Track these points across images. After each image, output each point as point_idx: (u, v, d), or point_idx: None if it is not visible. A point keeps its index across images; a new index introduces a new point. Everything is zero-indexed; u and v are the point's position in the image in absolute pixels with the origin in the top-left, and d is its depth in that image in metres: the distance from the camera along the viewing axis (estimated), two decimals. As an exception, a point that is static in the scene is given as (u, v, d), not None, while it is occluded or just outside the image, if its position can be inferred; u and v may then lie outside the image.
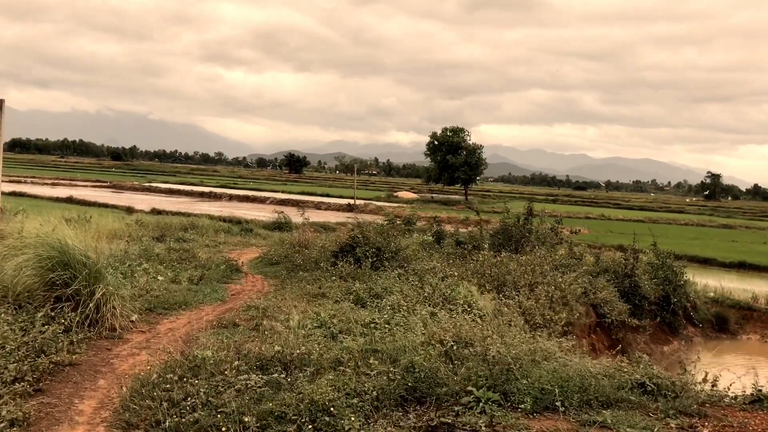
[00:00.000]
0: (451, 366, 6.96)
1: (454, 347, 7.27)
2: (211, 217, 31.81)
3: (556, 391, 6.20)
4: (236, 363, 6.68)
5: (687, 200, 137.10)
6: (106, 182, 69.43)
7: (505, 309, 9.94)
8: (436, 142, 74.30)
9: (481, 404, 6.06)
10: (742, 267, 32.07)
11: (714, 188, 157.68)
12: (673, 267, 17.94)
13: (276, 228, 29.25)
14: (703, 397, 6.63)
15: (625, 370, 7.06)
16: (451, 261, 14.46)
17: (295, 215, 34.21)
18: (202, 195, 59.39)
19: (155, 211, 35.66)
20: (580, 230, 21.57)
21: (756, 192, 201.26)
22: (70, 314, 8.26)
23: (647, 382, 6.76)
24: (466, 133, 74.87)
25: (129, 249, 15.31)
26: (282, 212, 31.94)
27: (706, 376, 7.08)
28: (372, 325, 8.84)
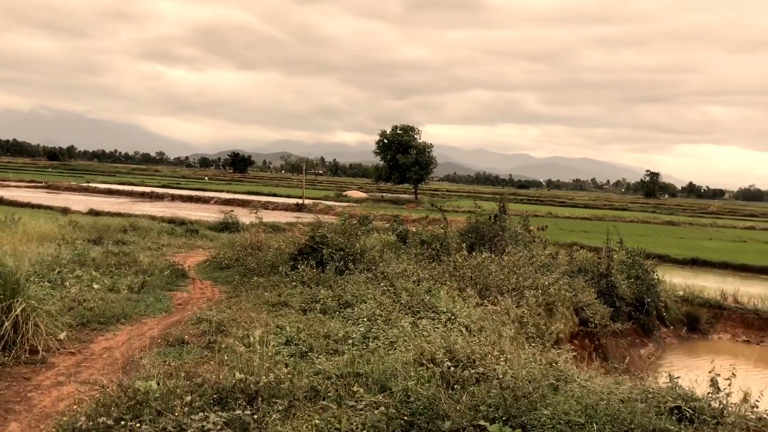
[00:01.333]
0: (451, 392, 5.77)
1: (451, 368, 6.08)
2: (152, 217, 30.00)
3: (590, 424, 5.07)
4: (189, 398, 5.32)
5: (629, 198, 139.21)
6: (42, 183, 65.93)
7: (493, 317, 8.81)
8: (386, 141, 73.26)
9: (499, 444, 4.89)
10: (695, 263, 32.14)
11: (653, 186, 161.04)
12: (644, 265, 17.22)
13: (223, 229, 27.70)
14: (750, 423, 5.62)
15: (652, 390, 6.01)
16: (422, 263, 13.27)
17: (243, 216, 32.68)
18: (143, 195, 56.88)
19: (93, 212, 33.53)
20: (546, 227, 20.64)
21: (691, 190, 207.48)
22: (-23, 336, 6.77)
23: (683, 406, 5.72)
24: (416, 131, 74.07)
25: (60, 253, 13.62)
26: (230, 212, 30.46)
27: (745, 395, 6.07)
28: (349, 341, 7.58)
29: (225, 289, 12.64)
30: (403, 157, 70.96)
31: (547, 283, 11.34)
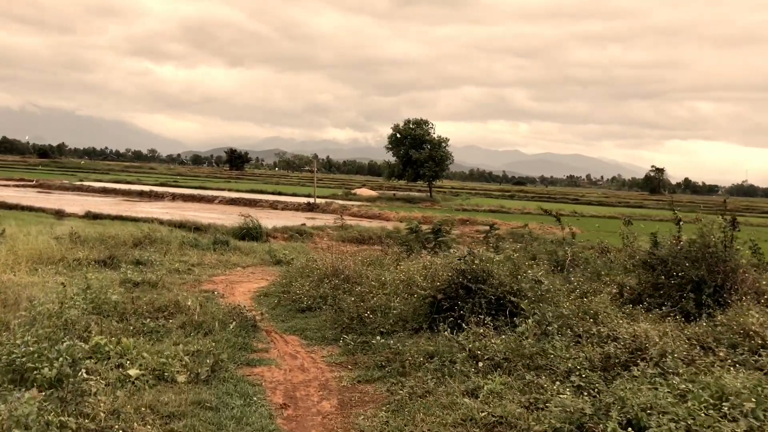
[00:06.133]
0: None
1: None
2: (160, 221, 25.11)
3: None
4: None
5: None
6: (32, 181, 60.67)
7: None
8: (398, 135, 68.25)
9: None
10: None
11: (658, 182, 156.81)
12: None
13: (245, 236, 22.92)
14: None
15: None
16: (629, 311, 8.54)
17: (262, 218, 27.99)
18: (141, 194, 51.79)
19: (91, 215, 28.60)
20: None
21: (687, 186, 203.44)
22: None
23: None
24: (430, 125, 69.11)
25: (65, 298, 8.64)
26: (248, 216, 25.70)
27: None
28: None
29: (330, 356, 7.89)
30: (416, 153, 66.08)
31: None
